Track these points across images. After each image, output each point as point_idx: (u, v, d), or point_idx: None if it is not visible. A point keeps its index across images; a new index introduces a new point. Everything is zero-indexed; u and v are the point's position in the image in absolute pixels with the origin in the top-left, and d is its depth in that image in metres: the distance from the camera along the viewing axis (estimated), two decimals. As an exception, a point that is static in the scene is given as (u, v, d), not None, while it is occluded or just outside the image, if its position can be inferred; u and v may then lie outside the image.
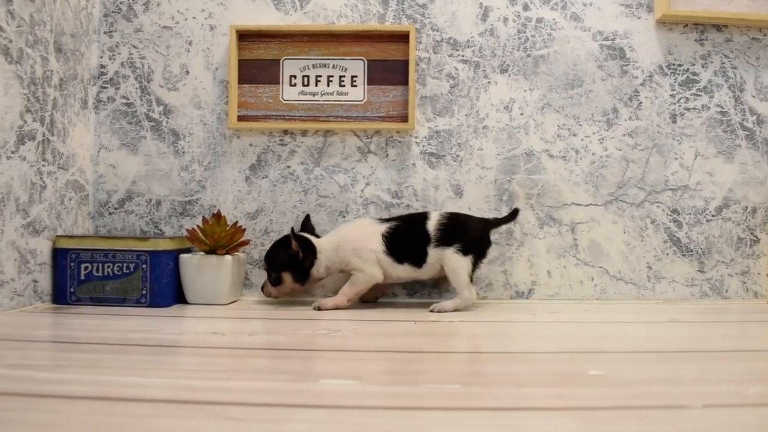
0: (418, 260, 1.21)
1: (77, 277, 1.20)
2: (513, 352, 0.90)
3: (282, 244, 1.23)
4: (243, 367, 0.76)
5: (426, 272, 1.23)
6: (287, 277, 1.22)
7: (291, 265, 1.21)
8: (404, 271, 1.22)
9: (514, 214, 1.30)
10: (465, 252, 1.20)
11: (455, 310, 1.18)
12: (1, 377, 0.65)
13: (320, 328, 1.01)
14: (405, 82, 1.36)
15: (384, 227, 1.22)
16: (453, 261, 1.19)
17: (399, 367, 0.79)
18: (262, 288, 1.26)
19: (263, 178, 1.38)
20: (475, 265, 1.21)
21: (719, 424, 0.56)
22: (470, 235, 1.23)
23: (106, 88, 1.39)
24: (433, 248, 1.20)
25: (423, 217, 1.23)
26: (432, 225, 1.21)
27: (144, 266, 1.22)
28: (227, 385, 0.65)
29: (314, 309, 1.20)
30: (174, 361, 0.78)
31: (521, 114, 1.39)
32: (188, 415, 0.54)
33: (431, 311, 1.18)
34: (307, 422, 0.54)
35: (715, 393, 0.66)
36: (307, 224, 1.29)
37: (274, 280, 1.23)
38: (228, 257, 1.25)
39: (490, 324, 1.09)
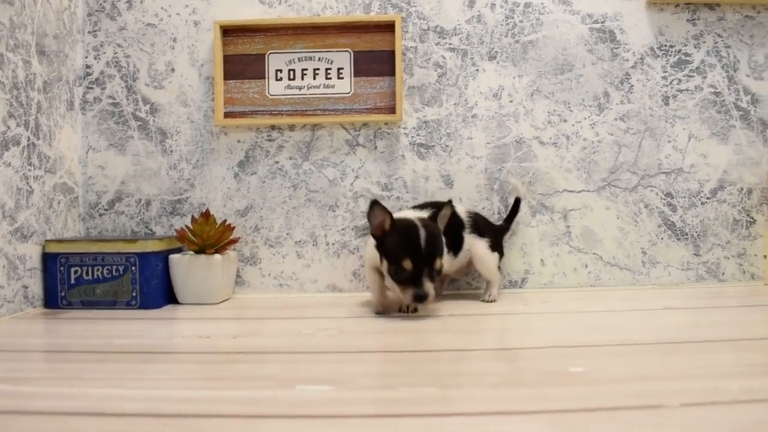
0: (456, 248, 1.18)
1: (67, 281, 1.20)
2: (498, 349, 0.89)
3: (435, 222, 1.07)
4: (221, 374, 0.76)
5: (456, 264, 1.20)
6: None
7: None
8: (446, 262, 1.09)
9: (516, 206, 1.31)
10: (493, 249, 1.22)
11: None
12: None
13: (307, 328, 1.01)
14: (392, 72, 1.34)
15: (427, 214, 1.11)
16: (485, 251, 1.20)
17: (377, 369, 0.78)
18: (424, 296, 1.00)
19: (252, 174, 1.37)
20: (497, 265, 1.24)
21: (694, 424, 0.55)
22: (496, 234, 1.27)
23: (92, 88, 1.38)
24: (467, 234, 1.19)
25: (450, 204, 1.15)
26: (462, 213, 1.21)
27: (133, 268, 1.22)
28: (201, 395, 0.65)
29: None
30: (154, 370, 0.78)
31: (510, 101, 1.37)
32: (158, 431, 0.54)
33: (483, 301, 1.20)
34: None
35: (697, 389, 0.65)
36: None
37: (440, 269, 1.03)
38: (217, 256, 1.25)
39: (481, 318, 1.09)
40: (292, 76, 1.36)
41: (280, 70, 1.36)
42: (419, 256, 0.99)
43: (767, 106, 1.40)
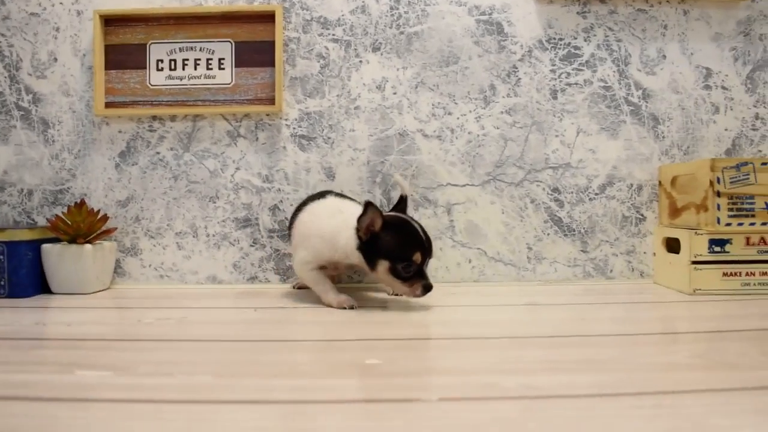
0: None
1: (-68, 269, 1.19)
2: (317, 340, 0.88)
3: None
4: (19, 358, 0.75)
5: None
6: None
7: None
8: None
9: (401, 203, 1.20)
10: None
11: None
12: None
13: (154, 317, 1.00)
14: (273, 63, 1.33)
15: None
16: None
17: (173, 357, 0.77)
18: (431, 287, 1.02)
19: (133, 165, 1.36)
20: None
21: (434, 418, 0.54)
22: None
23: (-25, 77, 1.37)
24: None
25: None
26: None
27: (1, 257, 1.20)
28: None
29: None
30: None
31: (394, 93, 1.35)
32: None
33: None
34: (13, 416, 0.54)
35: (472, 384, 0.64)
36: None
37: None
38: (88, 246, 1.24)
39: (335, 311, 1.07)
40: (173, 66, 1.35)
41: (162, 60, 1.35)
42: (424, 250, 1.01)
43: (659, 102, 1.37)
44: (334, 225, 1.05)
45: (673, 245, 1.27)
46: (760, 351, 0.80)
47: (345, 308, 1.04)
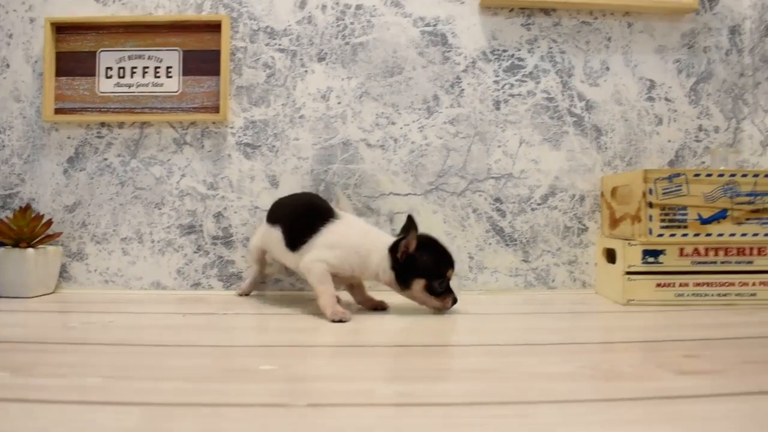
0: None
1: None
2: (222, 346, 0.89)
3: None
4: None
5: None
6: None
7: None
8: None
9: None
10: None
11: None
12: None
13: (80, 321, 1.02)
14: (220, 72, 1.34)
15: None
16: None
17: (79, 359, 0.79)
18: (455, 300, 1.10)
19: (81, 170, 1.38)
20: None
21: (302, 423, 0.56)
22: None
23: (-72, 82, 1.40)
24: None
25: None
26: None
27: (-55, 260, 1.22)
28: None
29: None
30: None
31: (339, 103, 1.37)
32: None
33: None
34: None
35: (350, 391, 0.65)
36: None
37: None
38: (31, 251, 1.26)
39: (267, 317, 1.09)
40: (122, 74, 1.37)
41: (111, 68, 1.37)
42: (453, 266, 1.09)
43: (602, 113, 1.39)
44: (368, 245, 1.08)
45: (614, 255, 1.29)
46: (656, 362, 0.81)
47: (335, 321, 1.01)
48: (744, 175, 1.22)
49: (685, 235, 1.21)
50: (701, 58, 1.42)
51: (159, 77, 1.36)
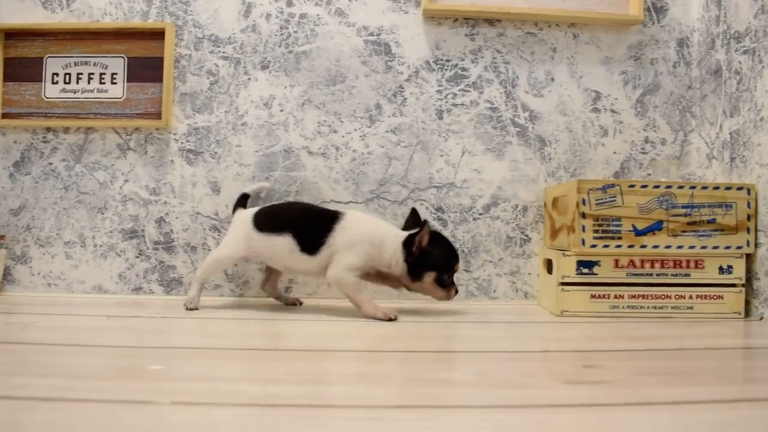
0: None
1: None
2: (126, 347, 0.89)
3: None
4: None
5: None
6: None
7: None
8: None
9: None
10: None
11: None
12: None
13: (2, 322, 1.03)
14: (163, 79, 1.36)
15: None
16: None
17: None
18: (455, 293, 1.17)
19: (26, 174, 1.39)
20: None
21: (160, 420, 0.56)
22: None
23: None
24: None
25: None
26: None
27: None
28: None
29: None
30: None
31: (281, 111, 1.37)
32: None
33: None
34: None
35: (223, 391, 0.65)
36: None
37: None
38: (-31, 253, 1.27)
39: (175, 320, 1.09)
40: (68, 80, 1.38)
41: (57, 74, 1.39)
42: (458, 260, 1.17)
43: (546, 123, 1.39)
44: (381, 235, 1.13)
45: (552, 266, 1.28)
46: (550, 372, 0.80)
47: (392, 319, 1.10)
48: (680, 187, 1.21)
49: (619, 246, 1.20)
50: (648, 70, 1.41)
51: (104, 83, 1.38)
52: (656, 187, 1.21)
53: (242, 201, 1.27)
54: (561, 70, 1.39)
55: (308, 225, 1.15)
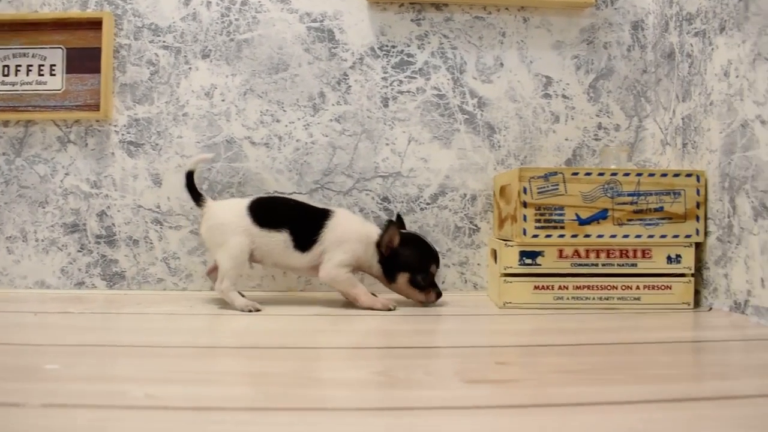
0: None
1: None
2: (39, 345, 0.87)
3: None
4: None
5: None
6: None
7: None
8: None
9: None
10: None
11: None
12: None
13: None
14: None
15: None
16: None
17: None
18: (441, 293, 1.18)
19: (-34, 169, 1.37)
20: None
21: (23, 423, 0.54)
22: None
23: None
24: None
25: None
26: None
27: None
28: None
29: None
30: None
31: (223, 100, 1.34)
32: None
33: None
34: None
35: (104, 392, 0.63)
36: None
37: None
38: None
39: (118, 316, 1.07)
40: (6, 72, 1.36)
41: (-5, 66, 1.36)
42: (437, 262, 1.16)
43: (495, 110, 1.35)
44: (365, 232, 1.14)
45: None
46: (457, 370, 0.77)
47: (390, 309, 1.12)
48: (626, 174, 1.18)
49: (562, 236, 1.17)
50: (601, 54, 1.37)
51: (43, 75, 1.35)
52: (601, 174, 1.17)
53: (191, 182, 1.21)
54: (511, 55, 1.36)
55: (302, 222, 1.14)
